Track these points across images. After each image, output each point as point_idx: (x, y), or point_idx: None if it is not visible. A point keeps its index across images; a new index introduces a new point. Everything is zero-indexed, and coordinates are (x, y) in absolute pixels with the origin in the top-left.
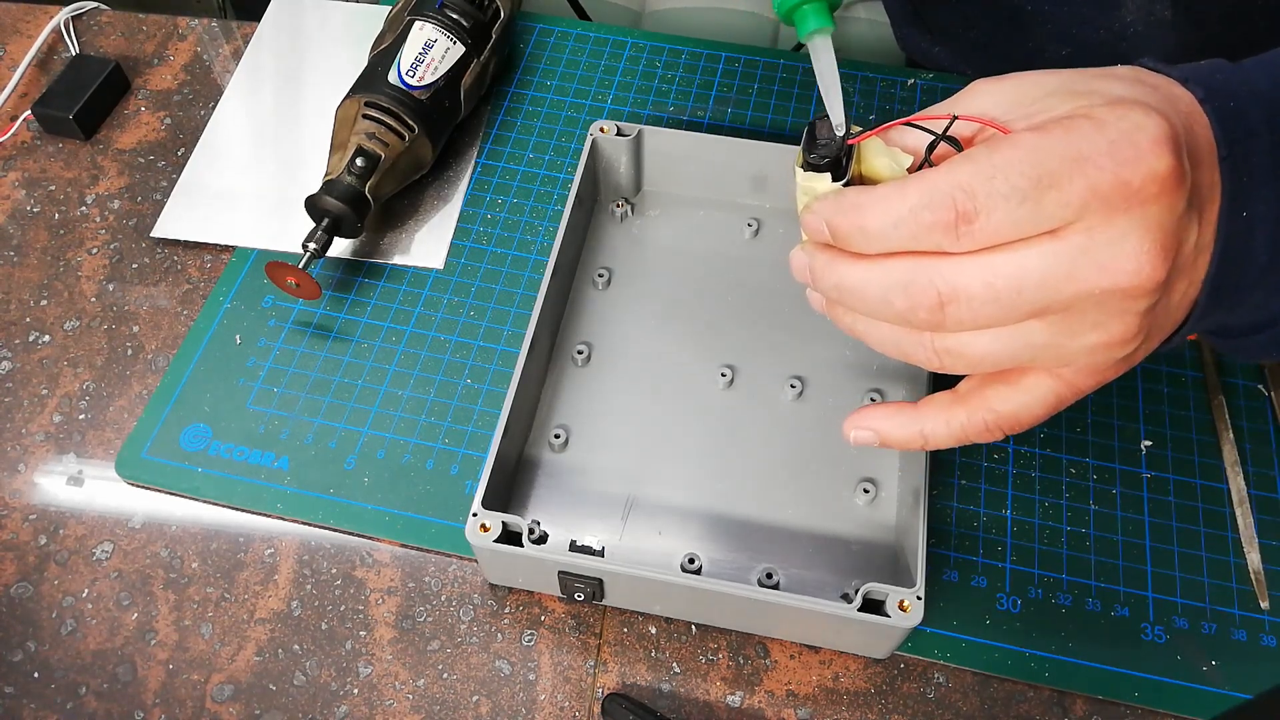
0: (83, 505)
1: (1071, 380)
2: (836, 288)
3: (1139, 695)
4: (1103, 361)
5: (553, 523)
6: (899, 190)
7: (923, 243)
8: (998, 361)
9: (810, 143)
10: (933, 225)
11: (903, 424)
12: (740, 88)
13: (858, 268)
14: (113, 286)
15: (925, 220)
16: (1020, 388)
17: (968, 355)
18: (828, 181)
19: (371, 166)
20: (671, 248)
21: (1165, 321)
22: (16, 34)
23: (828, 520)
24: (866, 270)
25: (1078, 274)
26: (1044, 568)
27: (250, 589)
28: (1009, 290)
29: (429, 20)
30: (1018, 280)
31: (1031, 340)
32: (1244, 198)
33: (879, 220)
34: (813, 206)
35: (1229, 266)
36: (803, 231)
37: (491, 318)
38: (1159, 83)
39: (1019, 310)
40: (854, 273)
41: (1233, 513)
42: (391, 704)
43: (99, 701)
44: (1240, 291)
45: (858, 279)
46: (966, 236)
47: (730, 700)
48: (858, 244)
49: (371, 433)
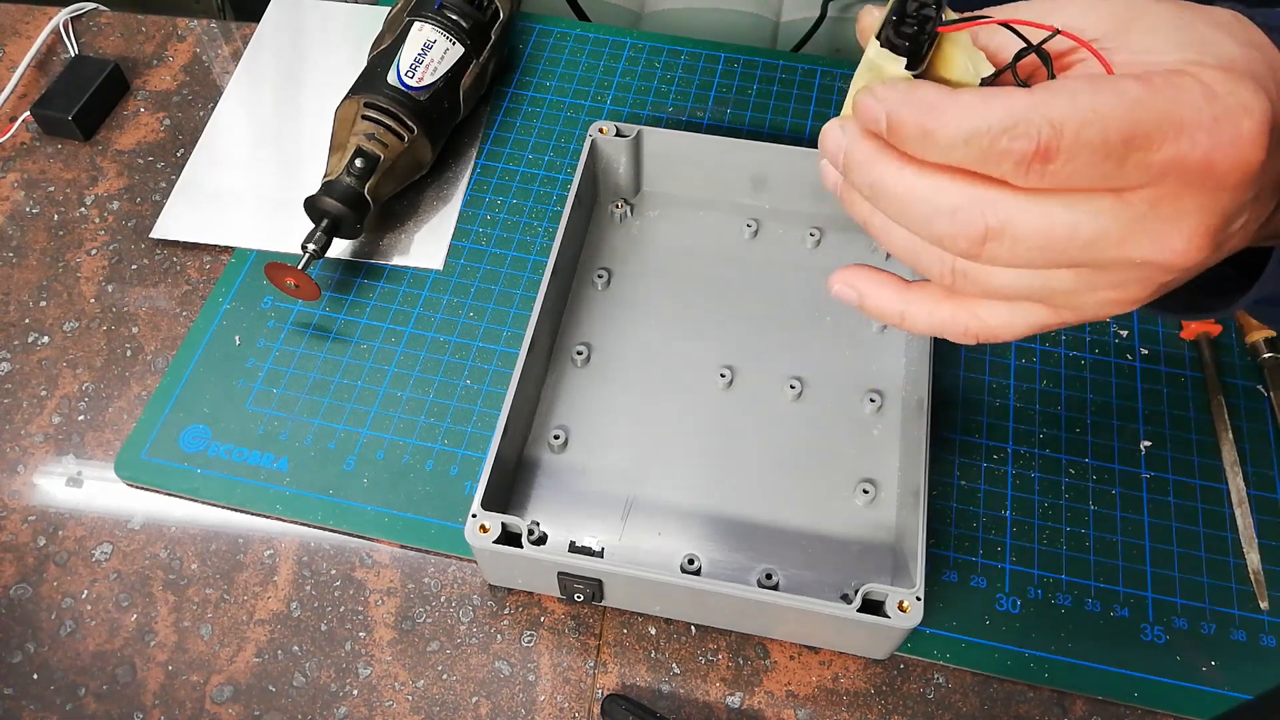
0: (82, 506)
1: (1068, 318)
2: (873, 185)
3: (1138, 695)
4: (1107, 313)
5: (552, 523)
6: (983, 103)
7: (989, 167)
8: (1012, 296)
9: (899, 15)
10: (1007, 153)
11: (887, 297)
12: (740, 88)
13: (906, 173)
14: (112, 287)
15: (1002, 146)
16: (1012, 307)
17: (985, 284)
18: (901, 66)
19: (371, 167)
20: (671, 248)
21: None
22: (16, 35)
23: (827, 521)
24: (915, 179)
25: (1129, 239)
26: (1043, 568)
27: (250, 590)
28: (1059, 240)
29: (428, 21)
30: (1069, 232)
31: (1054, 286)
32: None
33: (952, 129)
34: (876, 90)
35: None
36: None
37: (491, 318)
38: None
39: (1059, 260)
40: (901, 178)
41: (1232, 513)
42: (391, 705)
43: (98, 703)
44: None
45: (903, 186)
46: (1037, 174)
47: (730, 701)
48: (916, 146)
49: (371, 433)
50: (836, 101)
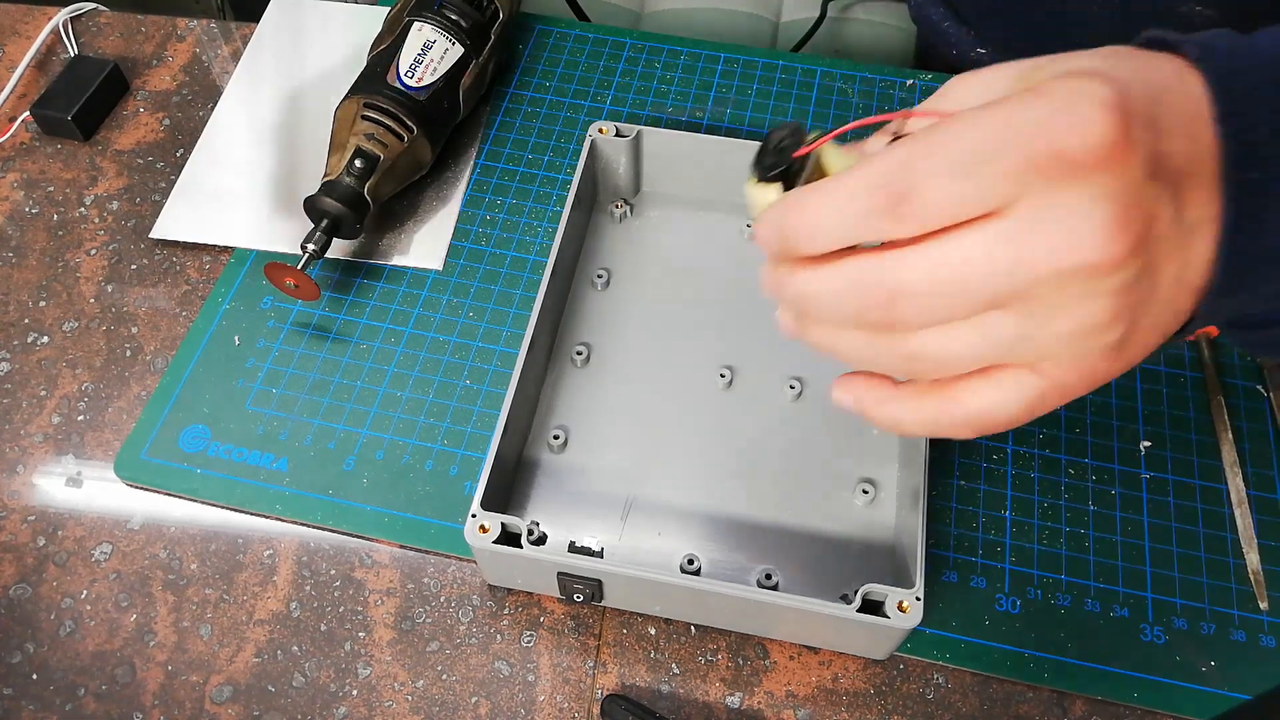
0: (81, 506)
1: (1056, 376)
2: (796, 298)
3: (1138, 696)
4: (1084, 352)
5: (552, 524)
6: (837, 179)
7: (867, 233)
8: (969, 360)
9: (761, 154)
10: (870, 210)
11: (878, 401)
12: (740, 88)
13: (810, 272)
14: (111, 287)
15: (863, 205)
16: (994, 382)
17: (936, 357)
18: (778, 193)
19: (370, 167)
20: (671, 248)
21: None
22: (15, 35)
23: (827, 521)
24: (817, 273)
25: (1027, 255)
26: (1043, 568)
27: (249, 590)
28: (955, 277)
29: (428, 21)
30: (963, 266)
31: (999, 334)
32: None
33: (820, 213)
34: (761, 216)
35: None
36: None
37: (490, 318)
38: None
39: (973, 300)
40: (807, 278)
41: (1232, 513)
42: (391, 705)
43: (98, 703)
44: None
45: (811, 284)
46: (908, 219)
47: (730, 701)
48: (806, 245)
49: (370, 433)
50: (836, 101)
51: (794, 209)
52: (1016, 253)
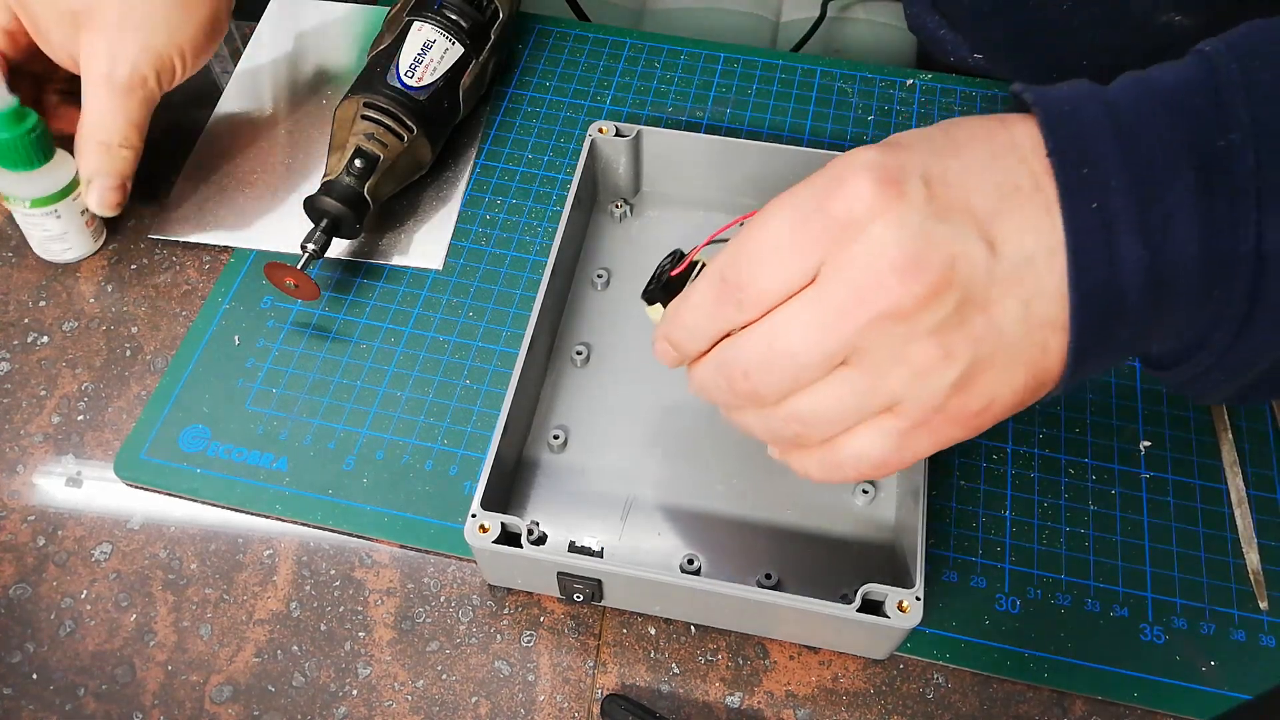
0: (81, 506)
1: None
2: (697, 392)
3: (1138, 695)
4: (931, 392)
5: (552, 523)
6: (694, 285)
7: (722, 323)
8: (839, 415)
9: (650, 280)
10: (716, 305)
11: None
12: (740, 88)
13: (696, 367)
14: (111, 287)
15: (711, 302)
16: (863, 428)
17: (813, 418)
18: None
19: (370, 167)
20: (671, 248)
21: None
22: None
23: (827, 521)
24: (699, 366)
25: (842, 310)
26: (1043, 568)
27: (249, 590)
28: (789, 344)
29: (428, 21)
30: (792, 333)
31: (850, 387)
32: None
33: (685, 318)
34: (654, 333)
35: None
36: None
37: (490, 318)
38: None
39: (813, 362)
40: (694, 372)
41: (1232, 513)
42: (391, 705)
43: (98, 703)
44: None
45: (697, 376)
46: (746, 305)
47: (729, 701)
48: (688, 346)
49: (370, 433)
50: (836, 101)
51: (669, 321)
52: (830, 311)
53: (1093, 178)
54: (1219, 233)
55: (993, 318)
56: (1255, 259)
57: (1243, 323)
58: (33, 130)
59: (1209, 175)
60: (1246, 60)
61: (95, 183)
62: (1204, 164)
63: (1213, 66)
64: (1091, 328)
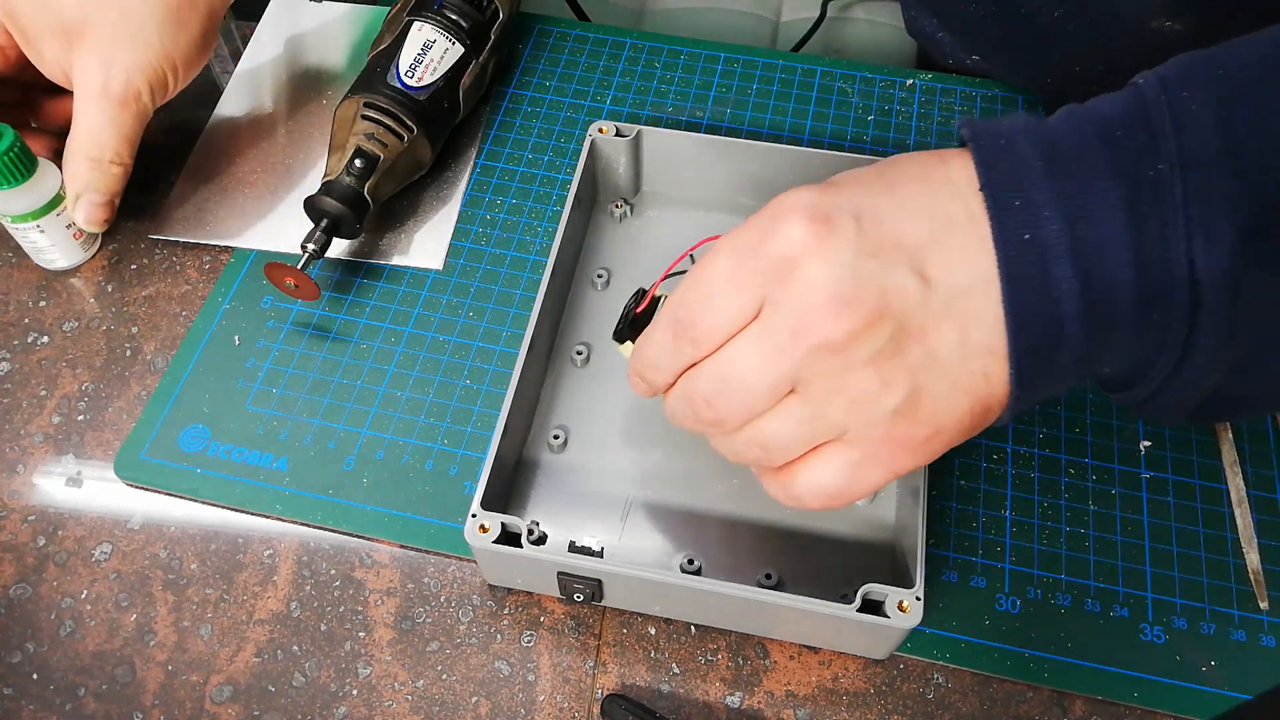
0: (81, 506)
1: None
2: (671, 420)
3: (1138, 695)
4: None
5: (552, 523)
6: (653, 324)
7: (681, 358)
8: (794, 441)
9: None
10: (673, 341)
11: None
12: (740, 88)
13: (666, 398)
14: (111, 287)
15: (669, 339)
16: (816, 456)
17: (772, 444)
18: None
19: (370, 167)
20: (670, 249)
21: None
22: None
23: (827, 520)
24: (670, 398)
25: (782, 342)
26: (1043, 568)
27: (249, 590)
28: (737, 374)
29: (428, 21)
30: (739, 364)
31: (799, 415)
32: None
33: (648, 354)
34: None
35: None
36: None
37: (490, 318)
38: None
39: (761, 391)
40: (666, 403)
41: (1232, 513)
42: (391, 705)
43: (98, 703)
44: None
45: (668, 407)
46: (699, 340)
47: (730, 701)
48: (655, 380)
49: (370, 433)
50: (836, 101)
51: (636, 357)
52: (771, 344)
53: (1026, 209)
54: (1151, 260)
55: (930, 347)
56: (1189, 284)
57: (1184, 346)
58: (10, 149)
59: (1140, 204)
60: (1176, 92)
61: (83, 198)
62: (1135, 193)
63: (1144, 99)
64: (1030, 354)
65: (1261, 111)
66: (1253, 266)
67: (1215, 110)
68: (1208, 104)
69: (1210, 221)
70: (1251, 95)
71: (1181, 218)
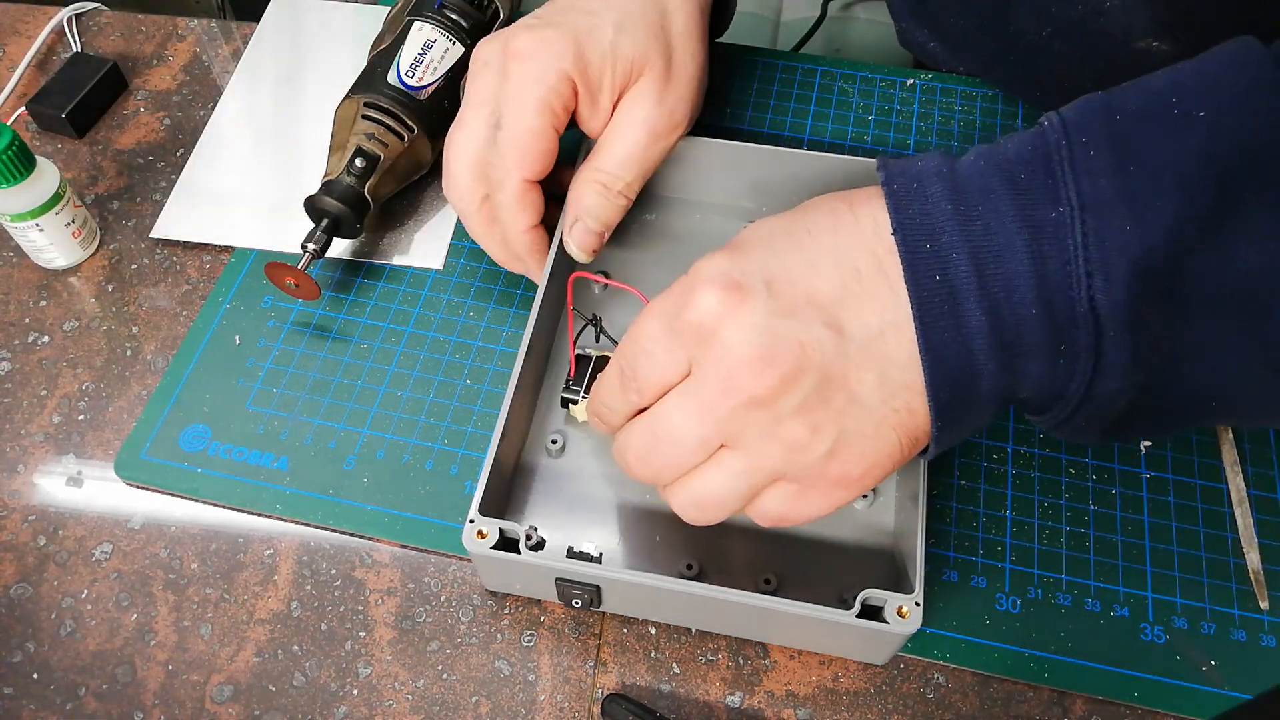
0: (82, 506)
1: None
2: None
3: (1138, 695)
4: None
5: (550, 529)
6: (608, 367)
7: (626, 407)
8: (734, 491)
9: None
10: (619, 391)
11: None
12: (739, 88)
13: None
14: (112, 287)
15: (615, 390)
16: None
17: (704, 497)
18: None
19: (371, 167)
20: (670, 249)
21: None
22: (16, 34)
23: (826, 525)
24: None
25: (711, 400)
26: (1043, 568)
27: (250, 590)
28: (669, 428)
29: (428, 21)
30: (674, 419)
31: (736, 466)
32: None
33: (603, 397)
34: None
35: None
36: None
37: (490, 318)
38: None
39: (694, 444)
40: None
41: (1232, 513)
42: (391, 704)
43: (98, 702)
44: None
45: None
46: (643, 391)
47: (730, 701)
48: (611, 421)
49: (371, 433)
50: (836, 101)
51: (593, 397)
52: (700, 402)
53: (935, 251)
54: (1055, 296)
55: (852, 392)
56: (1092, 318)
57: (1092, 374)
58: (8, 148)
59: (1042, 244)
60: (1075, 136)
61: (580, 223)
62: (1037, 235)
63: (1046, 142)
64: (947, 387)
65: (1148, 152)
66: (1149, 296)
67: (1110, 154)
68: (1103, 148)
69: (1107, 260)
70: (1143, 137)
71: (1081, 258)
